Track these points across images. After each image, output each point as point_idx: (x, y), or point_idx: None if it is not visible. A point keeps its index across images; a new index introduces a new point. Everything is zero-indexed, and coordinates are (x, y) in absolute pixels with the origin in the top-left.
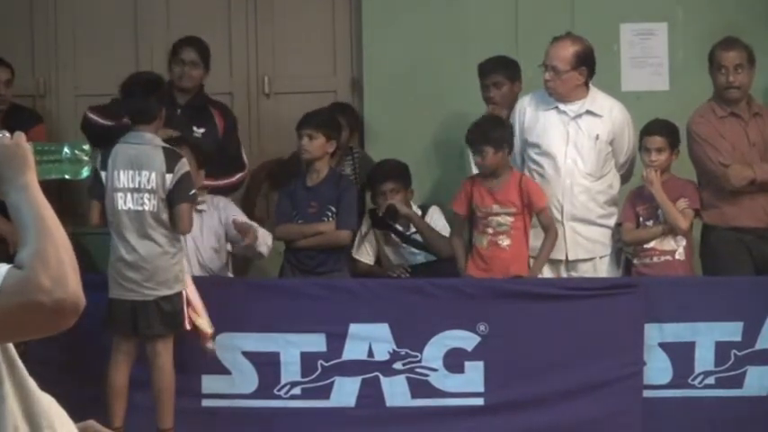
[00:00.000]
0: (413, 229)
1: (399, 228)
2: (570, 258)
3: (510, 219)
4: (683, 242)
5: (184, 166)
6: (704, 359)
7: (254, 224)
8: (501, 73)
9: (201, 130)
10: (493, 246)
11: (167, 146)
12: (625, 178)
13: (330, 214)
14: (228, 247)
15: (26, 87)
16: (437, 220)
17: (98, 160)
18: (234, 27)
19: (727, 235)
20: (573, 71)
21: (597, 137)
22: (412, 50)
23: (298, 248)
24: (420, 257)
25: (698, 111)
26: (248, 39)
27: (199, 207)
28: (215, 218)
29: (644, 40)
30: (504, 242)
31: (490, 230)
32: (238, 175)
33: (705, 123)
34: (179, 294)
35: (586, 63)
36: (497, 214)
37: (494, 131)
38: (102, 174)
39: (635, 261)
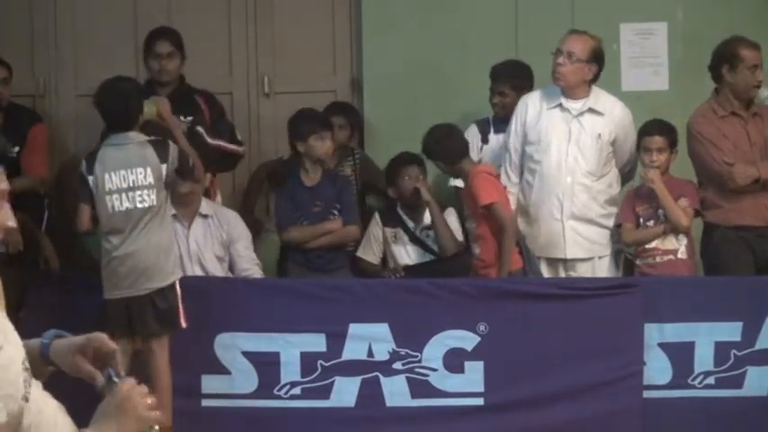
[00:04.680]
0: (423, 225)
1: (410, 224)
2: (569, 257)
3: (473, 224)
4: (685, 241)
5: (173, 148)
6: (704, 359)
7: (254, 268)
8: (508, 83)
9: (189, 118)
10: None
11: (151, 138)
12: (627, 179)
13: (336, 212)
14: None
15: (26, 87)
16: (451, 222)
17: (83, 165)
18: (234, 27)
19: (730, 234)
20: (586, 63)
21: (599, 135)
22: (412, 50)
23: (308, 249)
24: (426, 258)
25: (698, 111)
26: (248, 39)
27: (204, 212)
28: (223, 230)
29: (644, 40)
30: (476, 250)
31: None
32: (240, 147)
33: (707, 123)
34: (173, 290)
35: (598, 61)
36: (468, 218)
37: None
38: (90, 178)
39: (637, 261)
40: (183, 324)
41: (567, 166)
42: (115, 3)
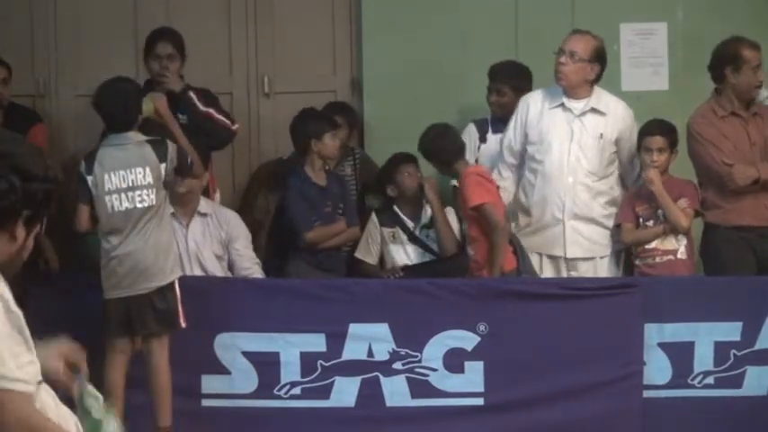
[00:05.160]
0: (422, 224)
1: (409, 223)
2: (568, 256)
3: (465, 226)
4: (684, 241)
5: (172, 147)
6: (703, 359)
7: (254, 267)
8: (507, 83)
9: (185, 116)
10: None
11: (150, 138)
12: (630, 180)
13: (340, 212)
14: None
15: (26, 87)
16: (451, 221)
17: (82, 165)
18: (234, 27)
19: (731, 234)
20: (588, 63)
21: (601, 135)
22: (412, 50)
23: (318, 249)
24: (426, 258)
25: (698, 111)
26: (248, 39)
27: (202, 210)
28: (222, 229)
29: (644, 40)
30: (471, 252)
31: None
32: (233, 124)
33: (707, 123)
34: (173, 290)
35: (600, 61)
36: (463, 219)
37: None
38: (89, 178)
39: (637, 262)
40: (183, 324)
41: (568, 166)
42: (115, 3)
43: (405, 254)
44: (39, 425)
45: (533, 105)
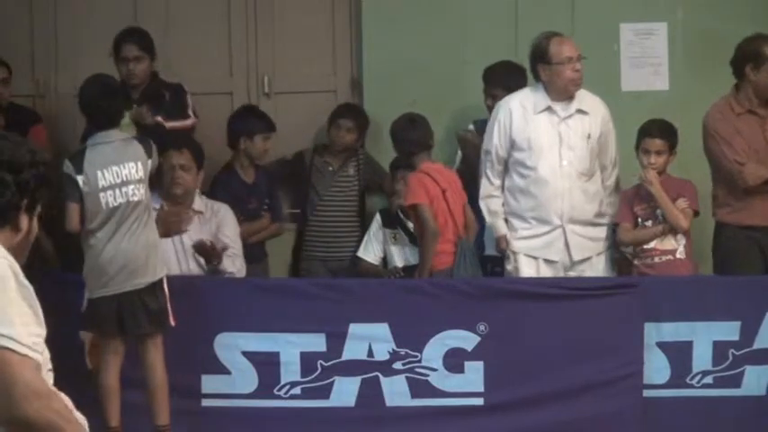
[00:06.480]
0: None
1: (409, 225)
2: (575, 259)
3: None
4: (684, 241)
5: (155, 147)
6: (702, 358)
7: (232, 247)
8: (499, 86)
9: (159, 118)
10: None
11: (135, 135)
12: (606, 175)
13: (265, 208)
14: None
15: (25, 87)
16: None
17: (69, 166)
18: (234, 27)
19: (740, 233)
20: None
21: (589, 135)
22: (412, 50)
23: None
24: None
25: (715, 107)
26: (248, 39)
27: (197, 208)
28: (213, 223)
29: (644, 40)
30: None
31: None
32: (187, 121)
33: (723, 120)
34: (162, 290)
35: None
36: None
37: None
38: (79, 178)
39: (636, 262)
40: (172, 323)
41: (562, 171)
42: (115, 3)
43: (404, 255)
44: (46, 391)
45: (515, 111)
